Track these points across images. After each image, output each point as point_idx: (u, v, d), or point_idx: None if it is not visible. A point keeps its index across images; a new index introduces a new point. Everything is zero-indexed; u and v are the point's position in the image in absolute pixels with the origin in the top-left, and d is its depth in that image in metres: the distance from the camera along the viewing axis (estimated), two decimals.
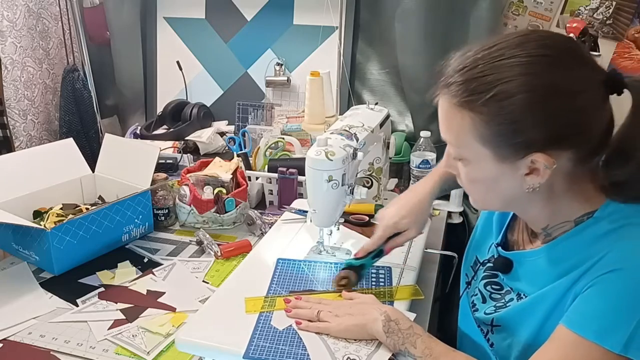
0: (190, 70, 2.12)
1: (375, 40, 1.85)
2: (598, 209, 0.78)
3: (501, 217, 0.98)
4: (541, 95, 0.69)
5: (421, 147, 1.59)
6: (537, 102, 0.69)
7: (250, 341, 0.93)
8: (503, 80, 0.69)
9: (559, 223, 0.81)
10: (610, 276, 0.71)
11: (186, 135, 1.98)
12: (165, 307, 1.16)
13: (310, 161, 1.11)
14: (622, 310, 0.70)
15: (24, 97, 1.80)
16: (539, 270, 0.85)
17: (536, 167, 0.73)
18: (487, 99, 0.70)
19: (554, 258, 0.82)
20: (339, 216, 1.19)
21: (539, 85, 0.69)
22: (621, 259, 0.71)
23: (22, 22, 1.77)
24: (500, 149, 0.73)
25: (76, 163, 1.54)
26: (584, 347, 0.71)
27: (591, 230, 0.77)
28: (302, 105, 1.97)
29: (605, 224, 0.76)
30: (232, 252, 1.36)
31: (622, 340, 0.69)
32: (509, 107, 0.70)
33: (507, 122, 0.71)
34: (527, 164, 0.73)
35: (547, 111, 0.70)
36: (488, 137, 0.73)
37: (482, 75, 0.71)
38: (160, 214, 1.50)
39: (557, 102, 0.70)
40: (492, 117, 0.71)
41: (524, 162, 0.73)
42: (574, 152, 0.74)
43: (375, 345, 0.92)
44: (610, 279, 0.71)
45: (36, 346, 1.05)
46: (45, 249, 1.25)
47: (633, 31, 1.52)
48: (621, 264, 0.71)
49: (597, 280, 0.72)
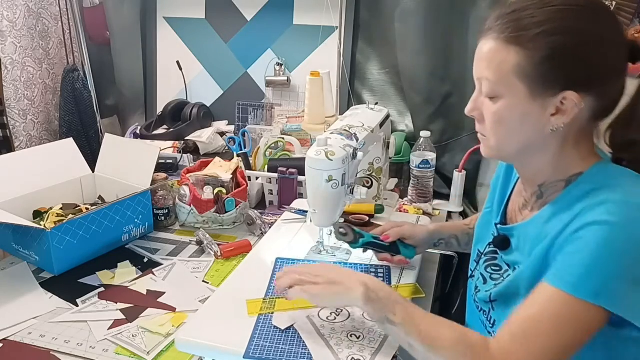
0: (190, 70, 2.12)
1: (375, 40, 1.86)
2: (586, 170, 0.84)
3: (501, 196, 1.02)
4: (583, 38, 0.77)
5: (421, 147, 1.59)
6: (579, 43, 0.77)
7: (251, 341, 0.93)
8: (550, 21, 0.77)
9: (555, 181, 0.86)
10: (582, 232, 0.76)
11: (186, 135, 1.98)
12: (165, 307, 1.16)
13: (310, 161, 1.11)
14: (594, 262, 0.74)
15: (24, 97, 1.80)
16: (528, 239, 0.89)
17: (564, 106, 0.79)
18: (535, 35, 0.77)
19: (540, 224, 0.86)
20: (339, 216, 1.19)
21: (582, 29, 0.78)
22: (593, 216, 0.76)
23: (22, 22, 1.77)
24: (537, 84, 0.79)
25: (76, 163, 1.54)
26: (560, 299, 0.76)
27: (574, 192, 0.83)
28: (302, 105, 1.97)
29: (586, 185, 0.82)
30: (232, 252, 1.36)
31: (593, 288, 0.74)
32: (554, 44, 0.77)
33: (549, 58, 0.77)
34: (556, 103, 0.80)
35: (585, 53, 0.78)
36: (529, 72, 0.79)
37: (531, 15, 0.79)
38: (160, 214, 1.50)
39: (594, 47, 0.78)
40: (536, 52, 0.78)
41: (554, 101, 0.80)
42: (595, 101, 0.80)
43: (379, 343, 0.93)
44: (583, 235, 0.76)
45: (36, 346, 1.05)
46: (45, 249, 1.25)
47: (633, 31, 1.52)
48: (593, 219, 0.76)
49: (572, 237, 0.77)
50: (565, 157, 0.85)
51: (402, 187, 1.72)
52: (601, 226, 0.75)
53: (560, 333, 0.76)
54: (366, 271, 1.15)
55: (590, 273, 0.74)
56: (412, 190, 1.62)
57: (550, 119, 0.81)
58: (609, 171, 0.83)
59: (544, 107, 0.80)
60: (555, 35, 0.77)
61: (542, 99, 0.80)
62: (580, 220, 0.77)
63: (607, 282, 0.74)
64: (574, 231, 0.77)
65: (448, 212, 1.63)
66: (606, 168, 0.84)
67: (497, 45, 0.81)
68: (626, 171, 0.84)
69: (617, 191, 0.78)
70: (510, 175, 1.03)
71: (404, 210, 1.57)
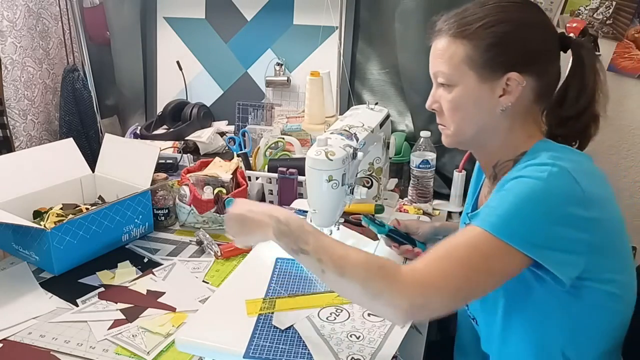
0: (190, 70, 2.12)
1: (375, 40, 1.85)
2: (529, 148, 0.92)
3: (474, 188, 1.12)
4: (517, 26, 0.90)
5: (421, 147, 1.59)
6: (514, 30, 0.89)
7: (250, 341, 0.93)
8: (489, 15, 0.90)
9: (505, 160, 0.95)
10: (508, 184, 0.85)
11: (186, 135, 1.98)
12: (165, 307, 1.16)
13: (310, 161, 1.11)
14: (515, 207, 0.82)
15: (24, 97, 1.80)
16: None
17: (509, 87, 0.90)
18: (477, 27, 0.89)
19: None
20: (339, 216, 1.19)
21: (516, 18, 0.90)
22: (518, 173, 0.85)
23: (22, 22, 1.77)
24: (484, 70, 0.90)
25: (76, 163, 1.54)
26: (480, 236, 0.82)
27: (514, 170, 0.89)
28: (302, 105, 1.97)
29: (523, 163, 0.89)
30: (232, 252, 1.36)
31: (511, 231, 0.80)
32: (494, 33, 0.89)
33: (492, 46, 0.89)
34: (502, 84, 0.90)
35: (521, 38, 0.90)
36: (475, 59, 0.90)
37: (472, 13, 0.91)
38: (160, 214, 1.50)
39: (528, 32, 0.90)
40: (480, 42, 0.89)
41: (500, 83, 0.90)
42: (535, 81, 0.91)
43: (379, 343, 0.93)
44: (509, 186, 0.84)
45: (36, 346, 1.05)
46: (45, 249, 1.25)
47: (633, 31, 1.52)
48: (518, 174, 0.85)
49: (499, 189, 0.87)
50: (514, 137, 0.94)
51: (402, 187, 1.72)
52: (525, 179, 0.83)
53: (472, 263, 0.81)
54: None
55: (511, 217, 0.81)
56: (412, 190, 1.62)
57: (499, 100, 0.91)
58: (547, 146, 0.91)
59: (492, 89, 0.91)
60: (494, 25, 0.89)
61: (490, 82, 0.90)
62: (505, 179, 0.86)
63: (524, 227, 0.80)
64: (502, 185, 0.86)
65: (448, 212, 1.63)
66: (545, 144, 0.92)
67: (447, 42, 0.92)
68: (562, 146, 0.92)
69: (544, 157, 0.86)
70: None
71: (404, 210, 1.57)
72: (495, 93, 0.91)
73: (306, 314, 1.01)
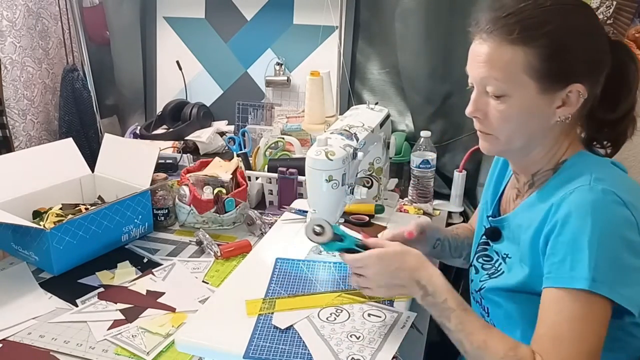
0: (190, 70, 2.12)
1: (375, 39, 1.85)
2: (569, 158, 0.90)
3: (495, 189, 1.07)
4: (580, 33, 0.85)
5: (421, 147, 1.58)
6: (578, 38, 0.84)
7: (250, 341, 0.93)
8: (552, 21, 0.83)
9: (546, 170, 0.92)
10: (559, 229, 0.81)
11: (186, 135, 1.98)
12: (164, 308, 1.16)
13: (310, 161, 1.10)
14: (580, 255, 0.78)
15: (24, 97, 1.79)
16: (516, 228, 0.93)
17: (569, 98, 0.85)
18: (542, 34, 0.82)
19: (526, 211, 0.91)
20: (339, 216, 1.19)
21: (578, 25, 0.85)
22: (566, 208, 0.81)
23: (21, 21, 1.76)
24: (546, 80, 0.84)
25: (76, 163, 1.54)
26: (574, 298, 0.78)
27: (556, 179, 0.88)
28: (302, 105, 1.97)
29: (566, 173, 0.88)
30: (232, 252, 1.36)
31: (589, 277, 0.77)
32: (559, 41, 0.83)
33: (555, 54, 0.83)
34: (563, 96, 0.85)
35: (583, 47, 0.84)
36: (538, 68, 0.83)
37: (532, 16, 0.83)
38: (160, 214, 1.49)
39: (589, 41, 0.85)
40: (543, 50, 0.82)
41: (561, 94, 0.85)
42: (592, 91, 0.86)
43: (379, 343, 0.92)
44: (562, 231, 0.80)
45: (36, 346, 1.05)
46: (45, 249, 1.24)
47: (634, 31, 1.52)
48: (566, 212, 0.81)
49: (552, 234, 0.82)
50: (560, 146, 0.91)
51: (402, 187, 1.71)
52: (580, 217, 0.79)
53: (588, 336, 0.77)
54: None
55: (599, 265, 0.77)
56: (412, 190, 1.62)
57: (556, 111, 0.86)
58: (586, 159, 0.89)
59: (551, 100, 0.86)
60: (558, 32, 0.82)
61: (551, 93, 0.85)
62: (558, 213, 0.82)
63: (613, 272, 0.77)
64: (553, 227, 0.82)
65: (448, 212, 1.63)
66: (584, 156, 0.90)
67: (502, 46, 0.84)
68: (600, 160, 0.90)
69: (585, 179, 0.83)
70: (506, 169, 1.07)
71: (404, 210, 1.57)
72: (553, 104, 0.86)
73: (306, 314, 1.01)
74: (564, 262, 0.79)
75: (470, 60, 0.89)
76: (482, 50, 0.86)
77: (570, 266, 0.78)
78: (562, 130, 0.90)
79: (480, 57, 0.87)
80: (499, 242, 0.98)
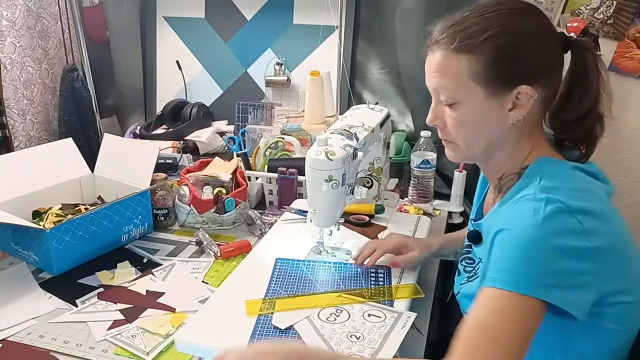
0: (190, 70, 2.12)
1: (375, 39, 1.85)
2: (531, 164, 0.89)
3: (479, 194, 1.09)
4: (524, 36, 0.86)
5: (422, 147, 1.58)
6: (521, 41, 0.85)
7: (250, 341, 0.93)
8: (492, 27, 0.85)
9: (511, 174, 0.92)
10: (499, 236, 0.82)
11: (186, 135, 1.98)
12: (164, 308, 1.16)
13: (310, 161, 1.10)
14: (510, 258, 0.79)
15: (23, 96, 1.79)
16: (485, 234, 0.94)
17: (519, 100, 0.86)
18: (482, 41, 0.84)
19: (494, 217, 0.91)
20: (339, 216, 1.19)
21: (521, 28, 0.86)
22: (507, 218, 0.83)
23: (21, 21, 1.76)
24: (492, 84, 0.86)
25: (75, 163, 1.54)
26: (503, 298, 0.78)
27: (517, 187, 0.88)
28: (302, 105, 1.97)
29: (524, 181, 0.88)
30: (232, 252, 1.35)
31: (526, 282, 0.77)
32: (500, 46, 0.84)
33: (499, 59, 0.84)
34: (512, 98, 0.86)
35: (529, 49, 0.86)
36: (482, 74, 0.85)
37: (474, 24, 0.86)
38: (159, 214, 1.49)
39: (535, 42, 0.86)
40: (486, 56, 0.84)
41: (510, 97, 0.86)
42: (543, 91, 0.87)
43: (379, 344, 0.92)
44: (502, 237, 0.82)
45: (35, 346, 1.04)
46: (45, 249, 1.24)
47: (634, 31, 1.52)
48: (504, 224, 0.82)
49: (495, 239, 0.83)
50: (521, 148, 0.92)
51: (402, 187, 1.71)
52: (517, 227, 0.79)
53: (506, 334, 0.77)
54: (366, 272, 1.15)
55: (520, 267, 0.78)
56: (412, 190, 1.62)
57: (508, 114, 0.88)
58: (543, 166, 0.88)
59: (501, 104, 0.87)
60: (499, 37, 0.84)
61: (499, 97, 0.87)
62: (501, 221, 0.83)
63: (534, 273, 0.78)
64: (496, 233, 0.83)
65: (448, 212, 1.63)
66: (543, 163, 0.89)
67: (448, 56, 0.87)
68: (558, 165, 0.89)
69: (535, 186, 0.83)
70: None
71: (405, 210, 1.57)
72: (504, 107, 0.87)
73: (306, 315, 1.01)
74: (497, 263, 0.80)
75: (426, 71, 0.93)
76: (432, 60, 0.90)
77: (500, 267, 0.79)
78: (522, 132, 0.90)
79: (430, 67, 0.91)
80: (479, 245, 0.98)
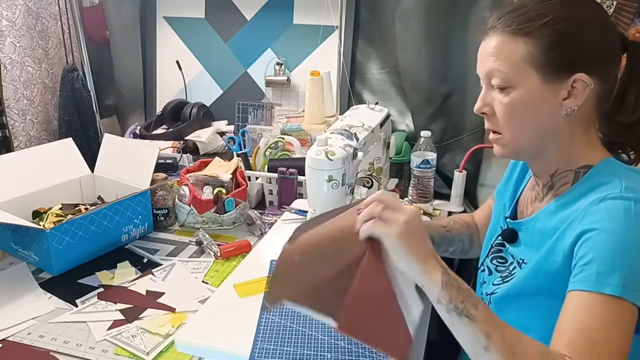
0: (189, 70, 2.12)
1: (375, 39, 1.85)
2: (595, 165, 0.87)
3: (514, 190, 1.05)
4: (583, 23, 0.84)
5: (422, 147, 1.58)
6: (580, 28, 0.84)
7: (254, 344, 0.92)
8: (552, 12, 0.84)
9: (565, 171, 0.90)
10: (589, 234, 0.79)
11: (186, 135, 1.98)
12: (164, 308, 1.16)
13: (310, 161, 1.10)
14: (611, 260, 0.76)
15: (23, 96, 1.79)
16: (536, 233, 0.91)
17: (575, 89, 0.84)
18: (541, 25, 0.83)
19: (548, 218, 0.89)
20: None
21: (581, 16, 0.85)
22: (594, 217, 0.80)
23: (21, 21, 1.76)
24: (548, 69, 0.84)
25: (75, 163, 1.54)
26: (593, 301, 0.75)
27: (581, 187, 0.86)
28: (302, 105, 1.97)
29: (591, 181, 0.85)
30: (232, 252, 1.35)
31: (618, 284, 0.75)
32: (559, 31, 0.83)
33: (557, 44, 0.83)
34: (567, 86, 0.84)
35: (588, 37, 0.84)
36: (539, 58, 0.83)
37: (533, 9, 0.85)
38: (159, 214, 1.49)
39: (594, 31, 0.85)
40: (543, 39, 0.83)
41: (565, 85, 0.84)
42: (599, 84, 0.85)
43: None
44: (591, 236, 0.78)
45: (35, 346, 1.04)
46: (45, 249, 1.24)
47: (634, 31, 1.52)
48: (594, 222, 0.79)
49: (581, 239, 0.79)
50: (576, 145, 0.88)
51: (402, 187, 1.71)
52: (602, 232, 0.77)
53: (620, 343, 0.75)
54: None
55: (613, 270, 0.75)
56: (412, 190, 1.62)
57: (562, 103, 0.85)
58: (614, 167, 0.86)
59: (555, 91, 0.85)
60: (558, 23, 0.83)
61: (554, 84, 0.84)
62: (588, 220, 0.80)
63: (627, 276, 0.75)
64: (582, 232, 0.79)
65: (448, 212, 1.63)
66: (612, 163, 0.87)
67: (504, 39, 0.85)
68: (630, 168, 0.87)
69: (616, 185, 0.81)
70: (527, 170, 1.05)
71: None
72: (559, 96, 0.85)
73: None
74: (595, 266, 0.77)
75: (479, 57, 0.90)
76: (488, 45, 0.88)
77: (601, 270, 0.76)
78: (576, 127, 0.87)
79: (486, 52, 0.88)
80: (515, 245, 0.96)
